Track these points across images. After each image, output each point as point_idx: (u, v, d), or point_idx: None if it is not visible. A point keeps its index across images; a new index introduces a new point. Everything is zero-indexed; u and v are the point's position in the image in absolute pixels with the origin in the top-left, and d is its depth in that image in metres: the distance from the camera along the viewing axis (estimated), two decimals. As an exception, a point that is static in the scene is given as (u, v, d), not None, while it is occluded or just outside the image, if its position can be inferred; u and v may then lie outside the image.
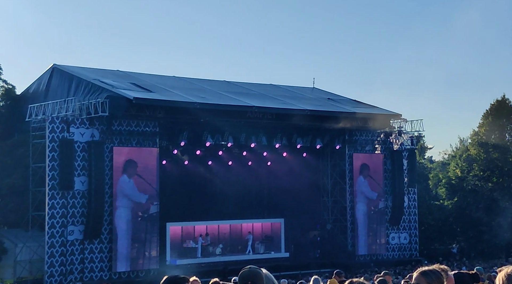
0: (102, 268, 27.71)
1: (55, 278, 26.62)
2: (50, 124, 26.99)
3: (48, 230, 26.62)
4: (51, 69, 32.28)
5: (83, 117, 27.55)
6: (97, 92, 28.50)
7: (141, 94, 28.90)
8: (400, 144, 36.77)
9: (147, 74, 35.07)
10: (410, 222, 37.04)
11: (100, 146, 27.65)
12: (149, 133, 29.01)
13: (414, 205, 37.31)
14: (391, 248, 36.20)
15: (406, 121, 36.44)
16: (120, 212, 27.98)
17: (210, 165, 34.14)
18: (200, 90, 32.83)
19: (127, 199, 28.23)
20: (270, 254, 33.63)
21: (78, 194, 27.36)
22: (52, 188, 26.78)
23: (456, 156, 45.10)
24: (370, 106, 37.50)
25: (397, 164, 36.09)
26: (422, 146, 52.51)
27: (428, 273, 4.16)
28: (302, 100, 35.79)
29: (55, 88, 31.43)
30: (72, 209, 27.19)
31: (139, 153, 28.68)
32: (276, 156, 34.73)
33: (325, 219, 36.17)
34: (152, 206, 28.94)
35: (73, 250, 27.15)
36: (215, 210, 33.82)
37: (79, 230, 27.30)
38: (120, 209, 28.08)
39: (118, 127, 28.27)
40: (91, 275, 27.43)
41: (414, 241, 37.10)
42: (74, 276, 26.96)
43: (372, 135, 36.05)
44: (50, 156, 26.83)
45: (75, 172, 27.19)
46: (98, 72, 32.29)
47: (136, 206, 28.50)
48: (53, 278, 26.56)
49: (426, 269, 4.22)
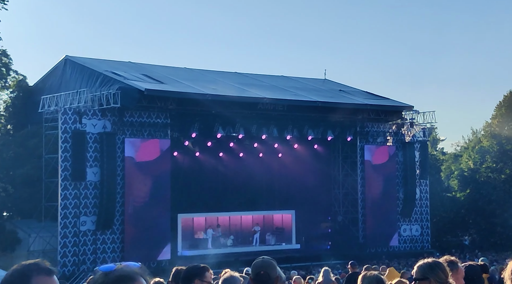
0: (114, 258, 27.89)
1: (67, 268, 26.87)
2: (62, 115, 27.15)
3: (61, 221, 26.84)
4: (64, 60, 32.42)
5: (95, 109, 27.67)
6: (109, 83, 28.61)
7: (152, 85, 28.96)
8: (412, 135, 36.59)
9: (159, 65, 35.12)
10: (422, 214, 36.91)
11: (112, 137, 27.77)
12: (160, 124, 29.08)
13: (426, 197, 37.17)
14: (402, 240, 36.11)
15: (418, 113, 36.24)
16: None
17: (221, 156, 34.18)
18: (211, 82, 32.84)
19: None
20: (281, 246, 33.67)
21: (90, 184, 27.53)
22: (65, 178, 26.97)
23: (468, 148, 44.86)
24: (382, 98, 37.33)
25: (409, 156, 35.94)
26: (434, 138, 52.25)
27: (424, 266, 3.92)
28: (313, 91, 35.69)
29: (68, 79, 31.57)
30: (84, 200, 27.38)
31: (151, 144, 28.77)
32: (287, 147, 34.70)
33: (336, 211, 36.13)
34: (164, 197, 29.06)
35: (86, 240, 27.36)
36: (226, 201, 33.89)
37: (91, 221, 27.50)
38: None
39: (129, 118, 28.37)
40: (103, 265, 27.63)
41: (426, 233, 36.99)
42: (87, 266, 27.19)
43: (383, 127, 35.90)
44: (63, 147, 27.00)
45: (87, 163, 27.35)
46: (110, 64, 32.39)
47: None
48: (66, 268, 26.81)
49: (425, 262, 3.98)
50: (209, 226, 32.68)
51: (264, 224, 34.72)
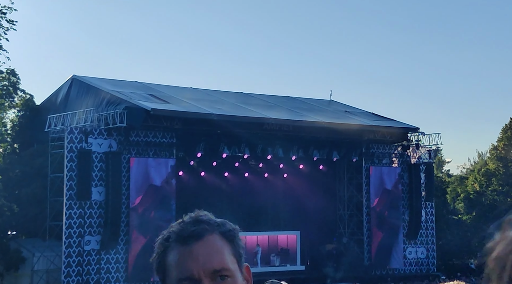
0: (118, 279, 27.77)
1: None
2: (68, 134, 27.25)
3: (65, 240, 26.79)
4: (71, 80, 32.65)
5: (101, 128, 27.77)
6: (115, 103, 28.75)
7: (158, 105, 29.09)
8: (417, 157, 36.50)
9: (165, 85, 35.30)
10: (428, 236, 36.65)
11: (118, 156, 27.83)
12: (166, 144, 29.14)
13: (432, 219, 36.94)
14: (408, 263, 35.82)
15: (424, 134, 36.20)
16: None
17: (226, 176, 34.16)
18: (217, 102, 32.96)
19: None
20: (286, 267, 33.45)
21: (95, 204, 27.52)
22: (70, 198, 26.98)
23: (474, 170, 44.66)
24: (387, 119, 37.34)
25: (414, 178, 35.81)
26: (439, 160, 52.11)
27: None
28: (318, 112, 35.75)
29: (74, 99, 31.75)
30: (89, 219, 27.35)
31: (157, 163, 28.80)
32: (292, 168, 34.67)
33: (341, 232, 35.94)
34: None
35: (90, 260, 27.26)
36: (231, 221, 33.24)
37: (96, 240, 27.43)
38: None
39: (135, 138, 28.45)
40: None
41: (431, 256, 36.69)
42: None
43: (389, 149, 35.84)
44: (68, 166, 27.05)
45: (92, 182, 27.38)
46: (116, 83, 32.58)
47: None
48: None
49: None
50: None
51: (269, 244, 34.53)
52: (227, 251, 1.60)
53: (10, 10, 30.85)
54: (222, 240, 1.62)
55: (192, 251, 1.55)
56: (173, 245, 1.58)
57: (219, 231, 1.63)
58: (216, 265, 1.53)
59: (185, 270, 1.52)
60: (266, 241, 34.53)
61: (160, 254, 1.60)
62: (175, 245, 1.57)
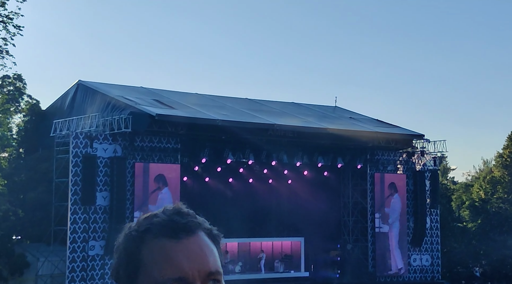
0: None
1: (75, 292, 26.74)
2: (74, 139, 27.33)
3: (70, 245, 26.81)
4: (76, 85, 32.76)
5: (106, 133, 27.84)
6: (120, 108, 28.83)
7: (163, 110, 29.15)
8: (422, 164, 36.41)
9: (170, 91, 35.38)
10: (432, 244, 36.52)
11: (122, 161, 27.88)
12: (170, 149, 29.18)
13: (437, 226, 36.81)
14: (412, 270, 35.68)
15: (429, 141, 36.13)
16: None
17: (231, 182, 34.15)
18: (221, 108, 33.00)
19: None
20: (290, 273, 33.38)
21: (99, 209, 27.55)
22: (75, 202, 27.02)
23: (479, 178, 44.53)
24: (392, 126, 37.29)
25: (419, 185, 35.72)
26: (444, 167, 51.98)
27: None
28: (323, 118, 35.74)
29: (80, 104, 31.86)
30: (93, 224, 27.37)
31: (161, 169, 28.85)
32: (297, 174, 34.64)
33: (345, 238, 35.84)
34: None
35: (94, 265, 27.27)
36: (235, 227, 33.72)
37: (100, 245, 27.44)
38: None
39: (140, 143, 28.51)
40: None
41: (436, 263, 36.55)
42: (94, 291, 27.06)
43: (394, 155, 35.78)
44: (73, 171, 27.11)
45: (97, 187, 27.41)
46: (121, 89, 32.67)
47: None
48: (73, 293, 26.68)
49: None
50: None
51: (273, 250, 34.47)
52: (217, 253, 1.40)
53: (17, 15, 31.01)
54: (210, 239, 1.41)
55: (186, 247, 1.31)
56: (156, 239, 1.31)
57: (206, 230, 1.43)
58: (212, 267, 1.33)
59: (177, 269, 1.27)
60: (270, 247, 34.47)
61: (132, 249, 1.33)
62: (160, 238, 1.31)
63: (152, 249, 1.30)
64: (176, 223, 1.36)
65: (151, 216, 1.38)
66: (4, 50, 29.54)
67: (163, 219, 1.36)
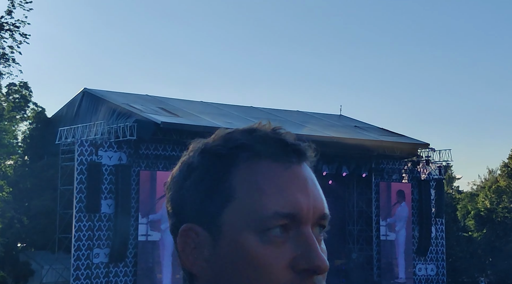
0: (125, 292, 27.73)
1: (79, 300, 26.71)
2: (79, 147, 27.40)
3: (74, 253, 26.81)
4: (82, 93, 32.89)
5: (111, 141, 27.91)
6: (125, 116, 28.92)
7: (168, 118, 29.22)
8: (427, 173, 36.34)
9: (175, 98, 35.48)
10: (438, 253, 36.37)
11: (127, 169, 27.92)
12: (175, 157, 29.19)
13: (442, 236, 36.68)
14: (418, 279, 35.52)
15: (434, 150, 36.07)
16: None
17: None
18: (226, 116, 33.05)
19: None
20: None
21: (104, 217, 27.57)
22: (79, 210, 27.06)
23: (485, 187, 44.37)
24: (397, 135, 37.26)
25: (424, 194, 35.63)
26: (450, 176, 51.82)
27: None
28: (328, 127, 35.75)
29: (85, 111, 31.98)
30: (98, 232, 27.38)
31: (166, 177, 28.89)
32: (301, 182, 34.56)
33: (350, 247, 35.74)
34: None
35: (98, 273, 27.25)
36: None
37: (104, 253, 27.44)
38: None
39: (145, 151, 28.56)
40: (114, 299, 27.47)
41: (441, 273, 36.38)
42: (98, 299, 27.04)
43: (399, 164, 35.73)
44: (78, 178, 27.16)
45: (102, 195, 27.45)
46: (127, 97, 32.80)
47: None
48: (77, 301, 26.66)
49: None
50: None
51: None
52: None
53: (23, 23, 31.20)
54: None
55: (297, 177, 0.98)
56: (256, 160, 0.93)
57: (311, 161, 1.08)
58: (326, 207, 0.98)
59: (288, 201, 0.91)
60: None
61: (217, 171, 0.92)
62: (263, 160, 0.94)
63: (250, 172, 0.92)
64: (287, 143, 1.01)
65: (246, 130, 0.99)
66: (11, 58, 29.70)
67: (267, 134, 0.99)
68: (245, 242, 0.88)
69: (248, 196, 0.91)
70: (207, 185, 0.93)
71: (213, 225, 0.91)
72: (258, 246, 0.88)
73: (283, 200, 0.91)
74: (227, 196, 0.91)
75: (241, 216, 0.90)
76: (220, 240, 0.90)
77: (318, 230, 0.95)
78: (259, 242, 0.88)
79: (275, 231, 0.89)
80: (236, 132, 0.98)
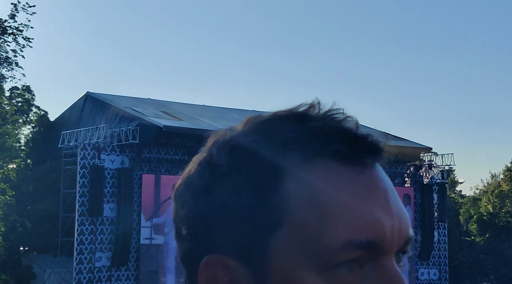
0: (128, 296, 27.72)
1: (81, 304, 26.71)
2: (81, 151, 27.43)
3: (77, 256, 26.81)
4: (85, 96, 32.95)
5: (114, 145, 27.94)
6: (128, 120, 28.95)
7: (171, 122, 29.26)
8: (430, 177, 36.30)
9: (178, 102, 35.52)
10: (440, 258, 36.30)
11: (130, 173, 27.94)
12: (178, 161, 29.23)
13: (444, 240, 36.61)
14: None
15: (436, 154, 36.04)
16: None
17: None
18: (229, 120, 33.08)
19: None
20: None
21: (106, 220, 27.57)
22: (82, 214, 27.06)
23: (488, 191, 44.29)
24: (399, 139, 37.24)
25: (427, 198, 35.58)
26: (452, 180, 51.75)
27: None
28: (331, 131, 35.72)
29: (88, 115, 32.02)
30: (100, 236, 27.38)
31: (168, 180, 28.91)
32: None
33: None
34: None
35: (101, 276, 27.24)
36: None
37: (106, 257, 27.43)
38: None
39: (147, 154, 28.58)
40: (116, 302, 27.46)
41: (444, 277, 36.29)
42: (100, 303, 27.03)
43: (401, 168, 35.70)
44: (81, 182, 27.18)
45: (104, 199, 27.46)
46: (129, 100, 32.84)
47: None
48: (79, 304, 26.65)
49: None
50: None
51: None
52: None
53: (26, 27, 31.30)
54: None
55: (377, 185, 0.70)
56: (317, 161, 0.65)
57: (384, 160, 0.75)
58: (410, 227, 0.70)
59: (369, 225, 0.64)
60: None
61: (260, 179, 0.64)
62: (325, 161, 0.65)
63: (307, 181, 0.64)
64: (356, 135, 0.71)
65: (292, 116, 0.69)
66: (14, 62, 29.80)
67: (326, 123, 0.68)
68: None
69: (306, 218, 0.63)
70: (245, 201, 0.64)
71: (255, 259, 0.63)
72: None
73: (357, 223, 0.63)
74: (275, 217, 0.63)
75: (296, 246, 0.62)
76: (265, 280, 0.63)
77: (399, 259, 0.69)
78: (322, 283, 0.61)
79: (345, 267, 0.62)
80: (277, 120, 0.69)
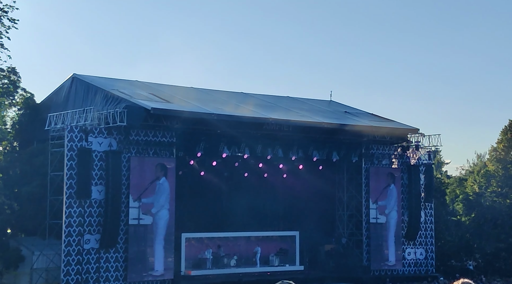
0: (117, 277, 27.82)
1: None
2: (68, 133, 27.29)
3: (65, 239, 26.82)
4: (71, 78, 32.68)
5: (101, 127, 27.81)
6: (115, 102, 28.80)
7: (159, 104, 29.14)
8: (417, 158, 36.56)
9: (165, 85, 35.34)
10: (427, 238, 36.71)
11: (118, 155, 27.88)
12: (166, 143, 29.18)
13: (431, 220, 37.00)
14: (407, 264, 35.88)
15: (423, 135, 36.25)
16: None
17: (226, 176, 34.21)
18: (217, 102, 33.00)
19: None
20: (285, 267, 33.51)
21: (95, 203, 27.56)
22: (70, 196, 27.02)
23: (474, 172, 44.68)
24: (387, 120, 37.38)
25: (414, 179, 35.87)
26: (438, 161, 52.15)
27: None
28: (319, 113, 35.79)
29: (74, 97, 31.79)
30: (88, 218, 27.38)
31: (156, 162, 28.87)
32: (292, 168, 34.72)
33: (340, 232, 36.00)
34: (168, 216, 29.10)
35: (89, 259, 27.30)
36: (230, 221, 33.84)
37: (95, 239, 27.47)
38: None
39: (135, 137, 28.50)
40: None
41: (430, 257, 36.75)
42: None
43: (389, 149, 35.91)
44: (68, 164, 27.09)
45: (92, 181, 27.41)
46: (117, 82, 32.62)
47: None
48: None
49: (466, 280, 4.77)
50: (212, 245, 32.59)
51: (268, 244, 34.58)
52: None
53: (12, 8, 30.89)
54: None
55: None
56: None
57: None
58: None
59: None
60: (265, 241, 34.57)
61: None
62: None
63: None
64: None
65: None
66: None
67: None
68: None
69: None
70: None
71: None
72: None
73: None
74: None
75: None
76: None
77: None
78: None
79: None
80: None
